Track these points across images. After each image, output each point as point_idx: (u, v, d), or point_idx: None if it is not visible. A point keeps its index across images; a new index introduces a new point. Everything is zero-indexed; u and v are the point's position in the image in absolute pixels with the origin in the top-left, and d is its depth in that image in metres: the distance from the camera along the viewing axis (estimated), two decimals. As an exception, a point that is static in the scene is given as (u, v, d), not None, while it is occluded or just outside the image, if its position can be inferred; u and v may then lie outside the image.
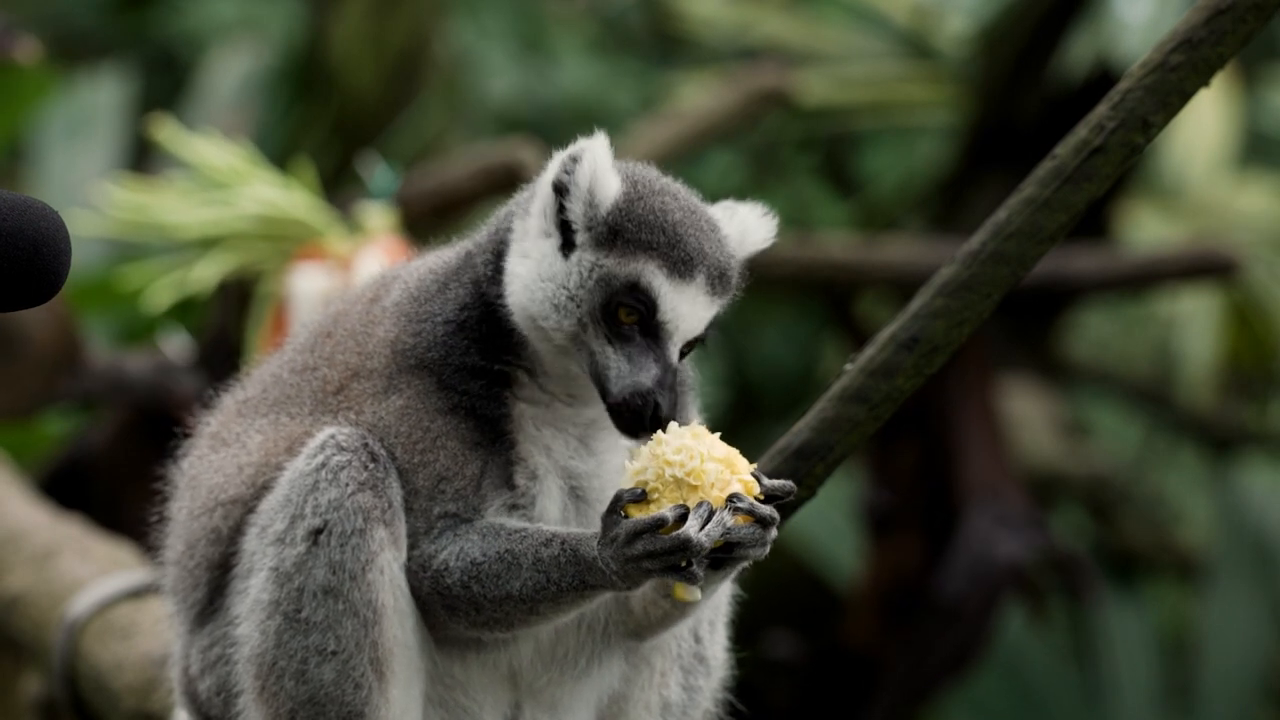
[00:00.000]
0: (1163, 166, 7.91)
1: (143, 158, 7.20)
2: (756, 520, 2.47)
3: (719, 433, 2.54)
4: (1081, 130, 2.73)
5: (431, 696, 2.67)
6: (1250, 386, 8.59)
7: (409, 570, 2.61)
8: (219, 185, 4.85)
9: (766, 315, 8.45)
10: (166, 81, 8.77)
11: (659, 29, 9.63)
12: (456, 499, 2.60)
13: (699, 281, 2.57)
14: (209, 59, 8.28)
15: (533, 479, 2.64)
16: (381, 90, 7.79)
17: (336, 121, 7.79)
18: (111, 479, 5.07)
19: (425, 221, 5.13)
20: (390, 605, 2.59)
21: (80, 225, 4.87)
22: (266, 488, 2.65)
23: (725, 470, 2.48)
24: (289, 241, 4.80)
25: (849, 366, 2.80)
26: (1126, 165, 2.73)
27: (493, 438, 2.62)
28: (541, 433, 2.65)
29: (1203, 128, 7.69)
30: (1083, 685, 6.92)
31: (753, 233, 2.68)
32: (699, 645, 2.79)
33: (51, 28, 9.26)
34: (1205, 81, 2.72)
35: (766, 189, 8.75)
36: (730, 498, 2.46)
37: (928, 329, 2.76)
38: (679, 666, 2.78)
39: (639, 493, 2.49)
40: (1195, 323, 7.68)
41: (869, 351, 2.79)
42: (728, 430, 2.59)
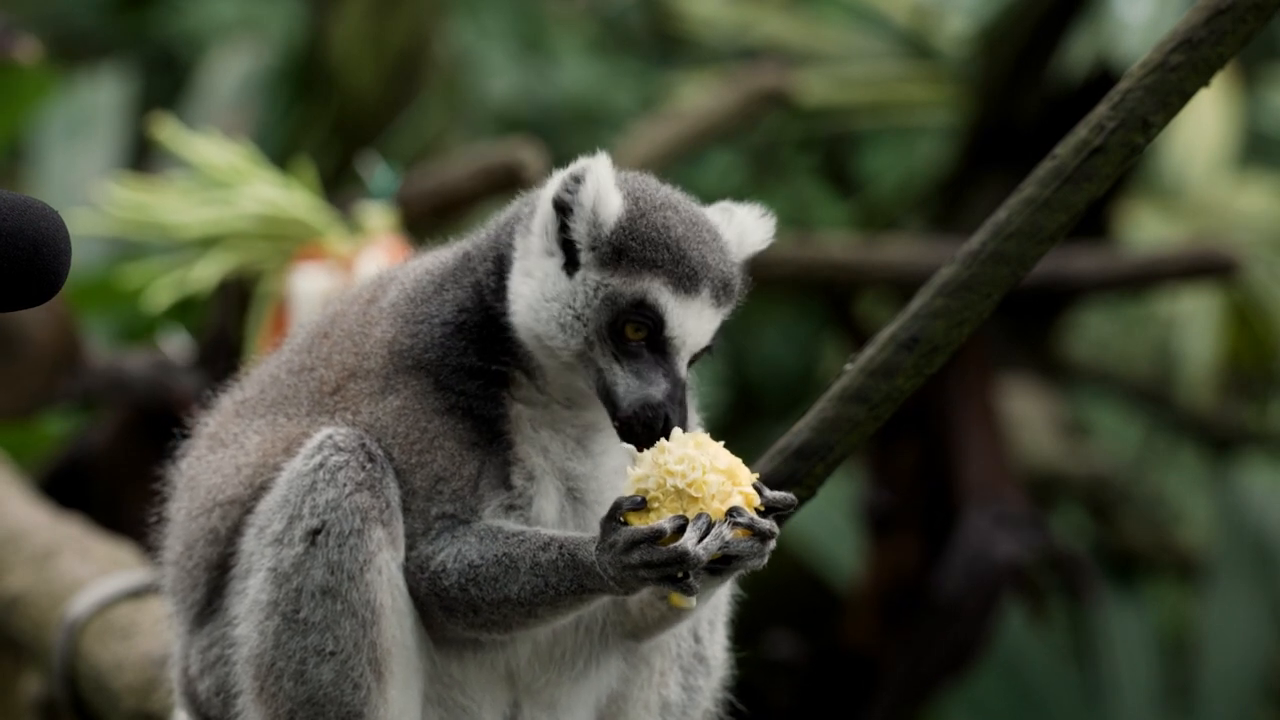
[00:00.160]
0: (1163, 166, 7.91)
1: (143, 158, 7.20)
2: (755, 534, 2.47)
3: (722, 441, 2.52)
4: (1081, 130, 2.73)
5: (430, 696, 2.67)
6: (1250, 386, 8.58)
7: (407, 571, 2.61)
8: (219, 184, 4.85)
9: (766, 315, 8.44)
10: (166, 81, 8.77)
11: (659, 29, 9.63)
12: (454, 499, 2.60)
13: (704, 295, 2.57)
14: (209, 59, 8.28)
15: (530, 480, 2.64)
16: (381, 90, 7.79)
17: (336, 121, 7.79)
18: (111, 479, 5.07)
19: (425, 221, 5.12)
20: (388, 605, 2.58)
21: (80, 224, 4.87)
22: (264, 488, 2.65)
23: (727, 482, 2.47)
24: (289, 241, 4.80)
25: (849, 366, 2.80)
26: (1126, 165, 2.73)
27: (490, 438, 2.62)
28: (539, 434, 2.65)
29: (1203, 128, 7.69)
30: (1083, 685, 6.91)
31: (751, 234, 2.68)
32: (698, 645, 2.79)
33: (51, 28, 9.26)
34: (1205, 81, 2.71)
35: (766, 189, 8.75)
36: (730, 511, 2.46)
37: (928, 329, 2.76)
38: (678, 666, 2.78)
39: (639, 501, 2.48)
40: (1195, 323, 7.68)
41: (869, 351, 2.79)
42: (728, 430, 2.58)
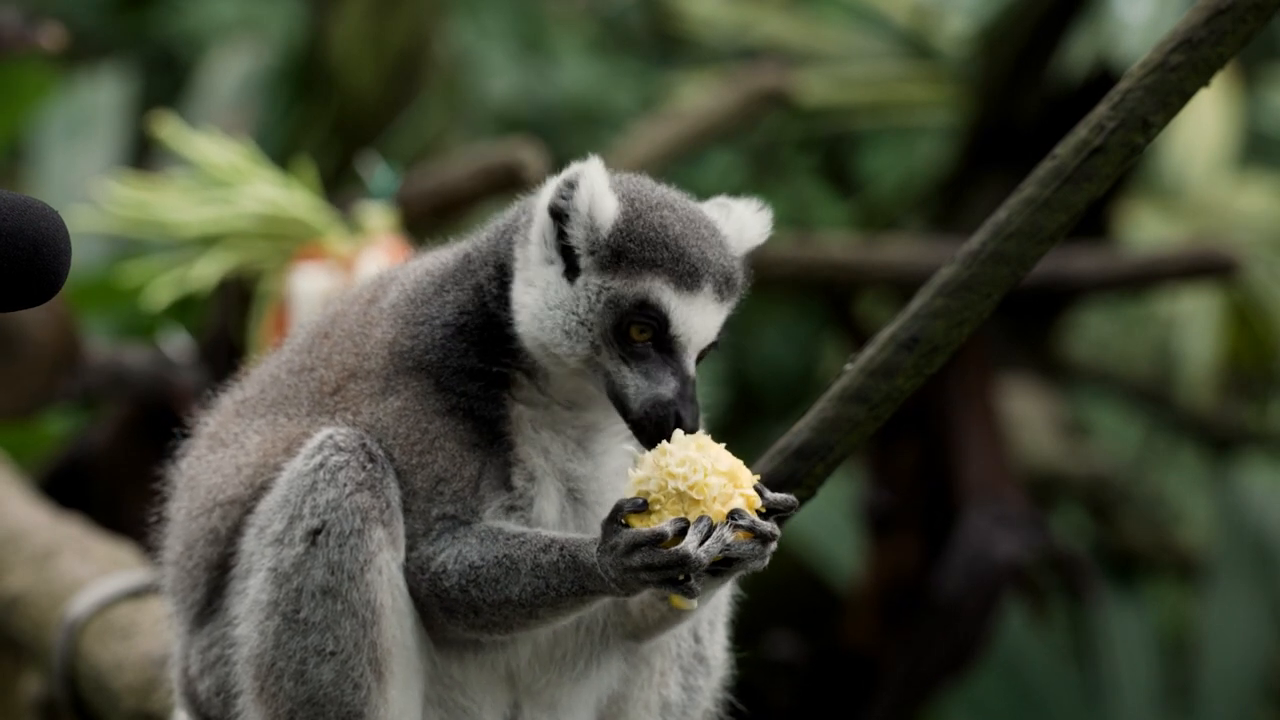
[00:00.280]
0: (1163, 166, 7.91)
1: (143, 158, 7.20)
2: (756, 536, 2.47)
3: (723, 443, 2.52)
4: (1081, 130, 2.73)
5: (430, 697, 2.67)
6: (1250, 386, 8.58)
7: (407, 571, 2.61)
8: (220, 183, 4.85)
9: (766, 315, 8.44)
10: (166, 81, 8.76)
11: (659, 29, 9.63)
12: (454, 500, 2.60)
13: (707, 290, 2.57)
14: (209, 59, 8.28)
15: (530, 481, 2.63)
16: (381, 90, 7.79)
17: (336, 121, 7.79)
18: (111, 479, 5.07)
19: (425, 221, 5.12)
20: (389, 605, 2.58)
21: (81, 221, 4.87)
22: (265, 488, 2.65)
23: (728, 484, 2.47)
24: (289, 241, 4.80)
25: (849, 366, 2.80)
26: (1126, 165, 2.73)
27: (490, 439, 2.62)
28: (539, 435, 2.65)
29: (1203, 128, 7.69)
30: (1083, 685, 6.91)
31: (749, 228, 2.68)
32: (699, 645, 2.79)
33: (51, 27, 9.24)
34: (1205, 81, 2.71)
35: (766, 189, 8.74)
36: (731, 513, 2.46)
37: (928, 329, 2.76)
38: (679, 666, 2.78)
39: (640, 503, 2.48)
40: (1195, 323, 7.68)
41: (869, 351, 2.79)
42: (728, 430, 2.58)
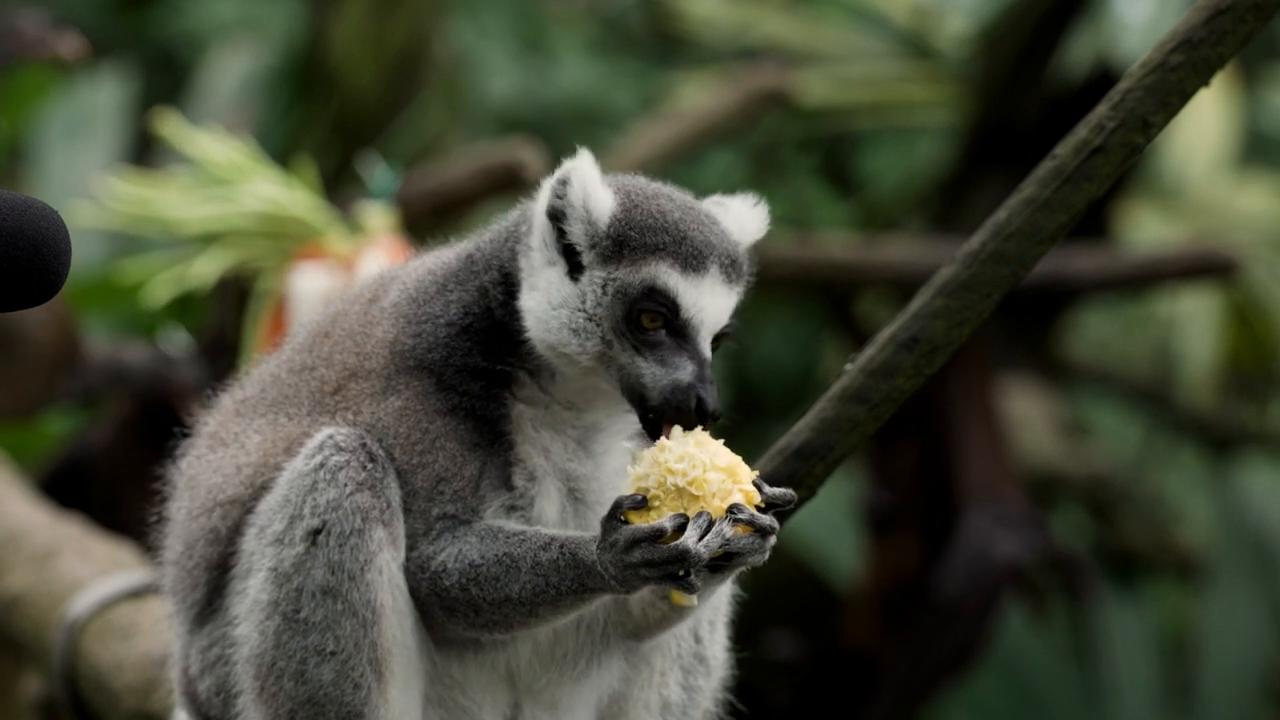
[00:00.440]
0: (1163, 166, 7.91)
1: (143, 158, 7.19)
2: (756, 530, 2.47)
3: (720, 439, 2.52)
4: (1081, 130, 2.73)
5: (430, 696, 2.67)
6: (1250, 386, 8.58)
7: (407, 571, 2.61)
8: (221, 181, 4.85)
9: (766, 315, 8.44)
10: (166, 81, 8.76)
11: (659, 29, 9.63)
12: (455, 500, 2.60)
13: (713, 271, 2.56)
14: (209, 59, 8.28)
15: (531, 480, 2.63)
16: (381, 90, 7.79)
17: (336, 121, 7.79)
18: (111, 479, 5.07)
19: (425, 221, 5.12)
20: (389, 605, 2.58)
21: (81, 218, 4.88)
22: (265, 488, 2.65)
23: (728, 480, 2.47)
24: (289, 240, 4.80)
25: (849, 366, 2.80)
26: (1126, 165, 2.73)
27: (491, 439, 2.62)
28: (540, 434, 2.65)
29: (1203, 128, 7.69)
30: (1083, 685, 6.91)
31: (748, 223, 2.68)
32: (699, 645, 2.79)
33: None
34: (1205, 81, 2.72)
35: (766, 189, 8.72)
36: (730, 508, 2.45)
37: (928, 329, 2.76)
38: (679, 666, 2.77)
39: (639, 499, 2.48)
40: (1195, 323, 7.68)
41: (869, 351, 2.79)
42: (728, 430, 2.58)
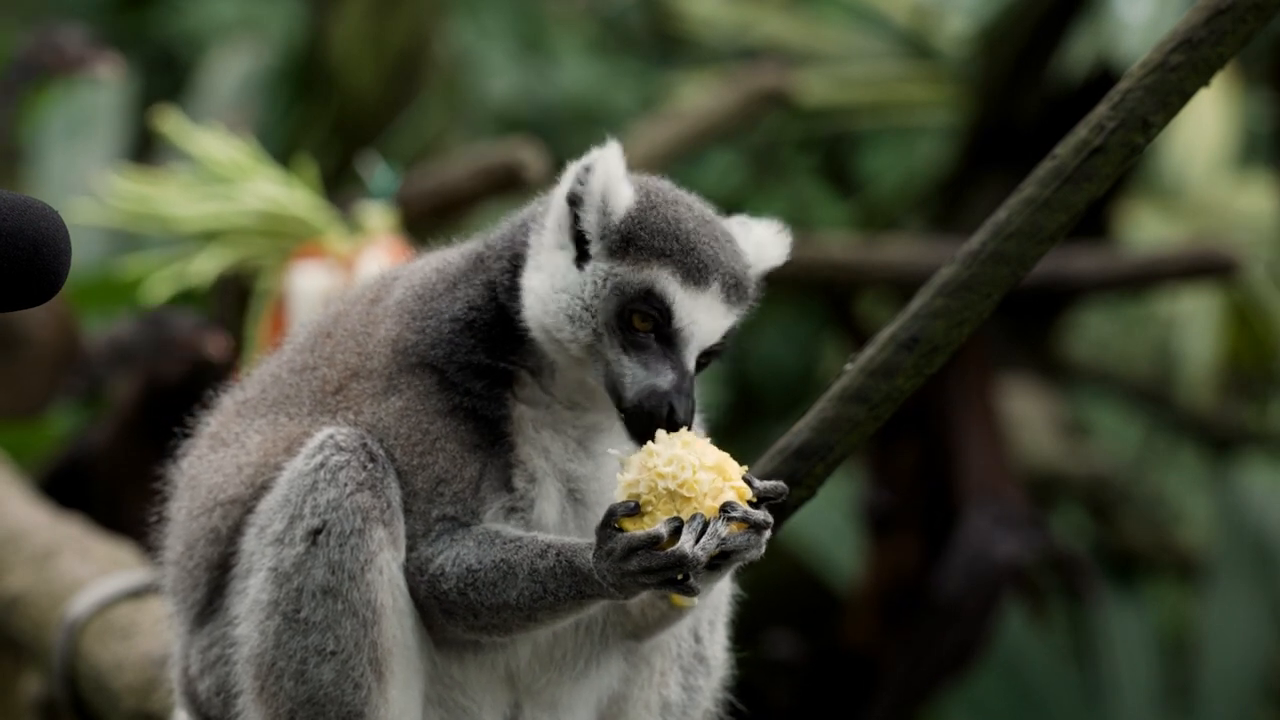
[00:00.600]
0: (1163, 166, 7.91)
1: (143, 158, 7.19)
2: (751, 526, 2.47)
3: (713, 439, 2.52)
4: (1081, 130, 2.73)
5: (430, 696, 2.66)
6: (1250, 386, 8.59)
7: (407, 572, 2.60)
8: (221, 179, 4.85)
9: (766, 315, 8.42)
10: (166, 81, 8.77)
11: (659, 29, 9.63)
12: (455, 501, 2.60)
13: (714, 289, 2.56)
14: (209, 59, 8.29)
15: (531, 482, 2.63)
16: (381, 90, 7.79)
17: (336, 121, 7.79)
18: (111, 479, 5.06)
19: (425, 221, 5.13)
20: (389, 605, 2.58)
21: (81, 215, 4.88)
22: (265, 488, 2.64)
23: (718, 478, 2.46)
24: (289, 239, 4.80)
25: (849, 366, 2.80)
26: (1126, 165, 2.73)
27: (492, 440, 2.62)
28: (540, 435, 2.65)
29: (1203, 128, 7.69)
30: (1083, 685, 6.91)
31: (768, 249, 2.67)
32: (699, 645, 2.78)
33: (51, 27, 9.25)
34: (1205, 81, 2.71)
35: (766, 189, 8.75)
36: (724, 507, 2.44)
37: (928, 329, 2.76)
38: (679, 666, 2.77)
39: (632, 506, 2.46)
40: (1195, 323, 7.68)
41: (869, 351, 2.79)
42: (728, 430, 2.59)
